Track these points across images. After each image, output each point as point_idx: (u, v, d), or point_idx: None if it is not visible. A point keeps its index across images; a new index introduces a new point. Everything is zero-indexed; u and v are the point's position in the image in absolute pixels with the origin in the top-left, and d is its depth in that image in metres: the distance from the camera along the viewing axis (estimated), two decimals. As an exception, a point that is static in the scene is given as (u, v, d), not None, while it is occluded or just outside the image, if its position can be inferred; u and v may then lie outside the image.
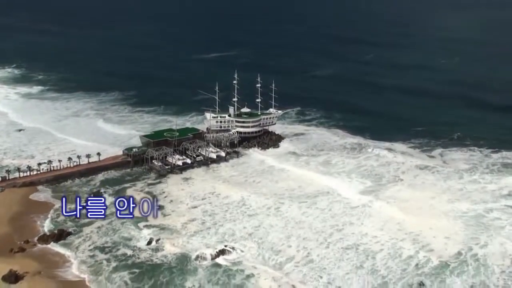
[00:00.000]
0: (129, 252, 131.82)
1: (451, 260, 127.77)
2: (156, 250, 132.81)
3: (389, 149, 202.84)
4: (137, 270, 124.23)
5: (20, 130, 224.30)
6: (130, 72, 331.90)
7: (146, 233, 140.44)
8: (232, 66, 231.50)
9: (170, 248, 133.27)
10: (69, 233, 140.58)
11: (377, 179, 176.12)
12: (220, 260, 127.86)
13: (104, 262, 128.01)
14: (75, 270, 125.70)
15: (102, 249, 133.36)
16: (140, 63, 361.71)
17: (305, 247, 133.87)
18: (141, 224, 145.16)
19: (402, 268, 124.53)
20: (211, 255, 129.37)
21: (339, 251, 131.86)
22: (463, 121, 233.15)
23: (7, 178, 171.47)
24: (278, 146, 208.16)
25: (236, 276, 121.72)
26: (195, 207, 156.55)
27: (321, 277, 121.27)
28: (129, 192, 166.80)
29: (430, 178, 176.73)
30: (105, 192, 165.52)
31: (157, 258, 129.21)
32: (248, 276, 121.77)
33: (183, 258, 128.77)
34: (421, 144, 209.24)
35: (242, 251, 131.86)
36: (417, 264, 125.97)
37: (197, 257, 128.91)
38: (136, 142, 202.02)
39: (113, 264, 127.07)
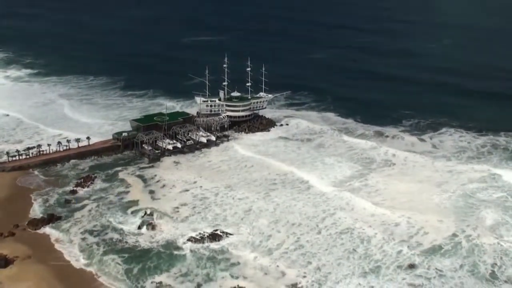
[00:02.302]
0: (119, 237, 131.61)
1: (443, 242, 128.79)
2: (146, 234, 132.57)
3: (380, 133, 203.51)
4: (126, 255, 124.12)
5: (7, 115, 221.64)
6: (119, 56, 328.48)
7: (137, 218, 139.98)
8: (222, 50, 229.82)
9: (160, 233, 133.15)
10: (59, 218, 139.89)
11: (368, 163, 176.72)
12: (210, 245, 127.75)
13: (94, 246, 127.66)
14: (65, 254, 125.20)
15: (92, 233, 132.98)
16: (129, 47, 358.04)
17: (295, 232, 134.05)
18: (131, 209, 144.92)
19: (396, 251, 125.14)
20: (200, 239, 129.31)
21: (331, 236, 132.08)
22: (453, 105, 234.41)
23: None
24: (268, 130, 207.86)
25: (222, 262, 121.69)
26: (186, 191, 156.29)
27: (310, 263, 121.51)
28: (121, 175, 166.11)
29: (420, 161, 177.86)
30: (95, 176, 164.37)
31: (146, 243, 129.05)
32: (236, 262, 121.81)
33: (172, 243, 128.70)
34: (411, 128, 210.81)
35: (232, 235, 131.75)
36: (409, 247, 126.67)
37: (186, 241, 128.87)
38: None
39: (103, 248, 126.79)
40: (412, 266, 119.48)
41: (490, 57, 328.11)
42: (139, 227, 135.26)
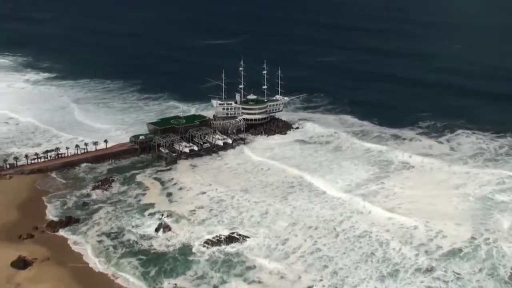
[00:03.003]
0: (136, 239, 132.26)
1: (462, 246, 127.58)
2: (163, 237, 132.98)
3: (397, 135, 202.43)
4: (143, 257, 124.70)
5: (17, 124, 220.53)
6: (135, 60, 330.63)
7: (154, 220, 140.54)
8: (238, 54, 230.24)
9: (177, 236, 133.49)
10: (77, 220, 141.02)
11: (385, 166, 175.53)
12: (226, 248, 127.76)
13: (111, 248, 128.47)
14: (82, 256, 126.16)
15: (109, 236, 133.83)
16: (145, 51, 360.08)
17: (312, 235, 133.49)
18: (148, 211, 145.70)
19: (414, 254, 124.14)
20: (217, 242, 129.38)
21: (349, 240, 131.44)
22: (470, 107, 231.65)
23: (15, 165, 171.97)
24: (285, 133, 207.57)
25: (238, 266, 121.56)
26: (203, 193, 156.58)
27: (327, 267, 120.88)
28: (138, 178, 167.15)
29: (438, 164, 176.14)
30: (112, 179, 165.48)
31: (163, 245, 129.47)
32: (251, 265, 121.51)
33: (189, 246, 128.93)
34: (428, 130, 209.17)
35: (249, 238, 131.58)
36: (426, 251, 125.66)
37: (203, 244, 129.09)
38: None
39: (121, 250, 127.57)
40: (430, 270, 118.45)
41: (508, 58, 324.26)
42: (156, 230, 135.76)
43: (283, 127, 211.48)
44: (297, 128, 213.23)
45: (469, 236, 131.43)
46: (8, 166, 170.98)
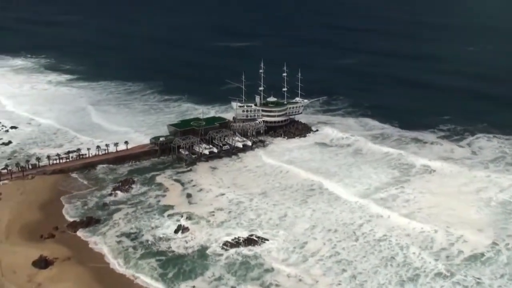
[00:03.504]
0: (155, 240, 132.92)
1: (483, 251, 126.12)
2: (182, 238, 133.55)
3: (417, 139, 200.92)
4: (162, 258, 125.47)
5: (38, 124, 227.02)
6: (155, 63, 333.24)
7: (173, 222, 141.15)
8: (258, 56, 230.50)
9: (196, 237, 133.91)
10: (97, 220, 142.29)
11: (405, 169, 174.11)
12: (244, 250, 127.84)
13: (131, 249, 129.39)
14: (102, 256, 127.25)
15: (129, 236, 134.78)
16: (165, 54, 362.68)
17: (331, 239, 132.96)
18: (168, 212, 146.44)
19: (434, 259, 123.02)
20: (236, 244, 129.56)
21: (368, 243, 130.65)
22: (490, 112, 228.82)
23: (38, 165, 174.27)
24: (304, 136, 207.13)
25: (256, 268, 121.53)
26: (222, 195, 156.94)
27: (345, 271, 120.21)
28: (158, 179, 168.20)
29: (459, 168, 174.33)
30: (132, 180, 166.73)
31: (181, 247, 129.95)
32: (269, 268, 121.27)
33: (207, 247, 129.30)
34: (449, 134, 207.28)
35: (267, 240, 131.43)
36: (447, 256, 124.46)
37: (221, 246, 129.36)
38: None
39: (140, 251, 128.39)
40: (450, 275, 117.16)
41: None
42: (175, 231, 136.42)
43: (303, 130, 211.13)
44: (317, 130, 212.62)
45: (490, 241, 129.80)
46: (30, 166, 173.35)
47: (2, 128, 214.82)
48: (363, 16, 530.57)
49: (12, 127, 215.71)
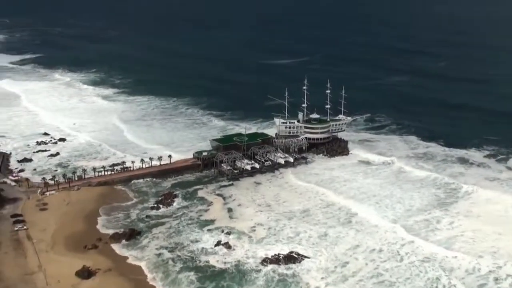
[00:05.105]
0: (195, 254, 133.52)
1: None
2: (221, 253, 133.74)
3: (464, 159, 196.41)
4: (201, 273, 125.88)
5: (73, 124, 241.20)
6: (199, 79, 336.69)
7: (213, 236, 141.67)
8: (302, 73, 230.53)
9: (235, 252, 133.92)
10: (139, 233, 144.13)
11: (450, 191, 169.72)
12: (283, 267, 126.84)
13: (170, 262, 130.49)
14: (142, 268, 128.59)
15: (169, 250, 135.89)
16: (209, 70, 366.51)
17: (374, 259, 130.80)
18: (208, 227, 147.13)
19: (481, 283, 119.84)
20: (275, 261, 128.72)
21: (413, 264, 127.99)
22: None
23: (83, 177, 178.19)
24: (347, 154, 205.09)
25: (293, 286, 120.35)
26: (263, 211, 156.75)
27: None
28: (200, 194, 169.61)
29: (506, 189, 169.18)
30: (175, 194, 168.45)
31: (220, 262, 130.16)
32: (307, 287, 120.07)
33: (246, 263, 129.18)
34: (496, 153, 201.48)
35: (308, 258, 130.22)
36: (496, 279, 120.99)
37: (261, 262, 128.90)
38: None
39: (179, 265, 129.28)
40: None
41: None
42: (215, 246, 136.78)
43: (345, 147, 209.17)
44: (360, 148, 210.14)
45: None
46: (76, 178, 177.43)
47: (51, 140, 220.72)
48: (411, 37, 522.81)
49: (60, 139, 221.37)
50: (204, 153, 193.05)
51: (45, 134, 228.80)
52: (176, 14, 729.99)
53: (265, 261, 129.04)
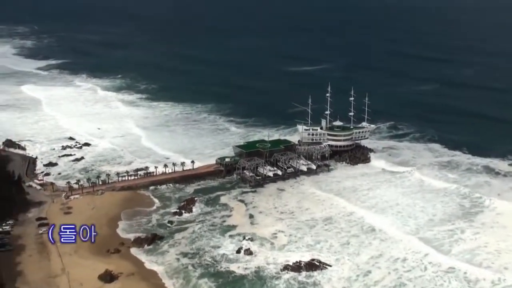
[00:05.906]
0: (216, 260, 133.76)
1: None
2: (242, 259, 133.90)
3: (489, 168, 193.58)
4: (220, 280, 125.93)
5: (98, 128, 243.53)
6: (223, 85, 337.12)
7: (235, 242, 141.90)
8: (325, 80, 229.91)
9: (256, 259, 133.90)
10: (161, 238, 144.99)
11: (475, 201, 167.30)
12: (304, 275, 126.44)
13: (190, 267, 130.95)
14: (163, 274, 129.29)
15: (190, 256, 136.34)
16: (232, 77, 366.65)
17: (397, 268, 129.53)
18: (230, 233, 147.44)
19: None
20: (297, 268, 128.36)
21: (437, 274, 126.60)
22: None
23: (107, 182, 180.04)
24: (369, 161, 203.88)
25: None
26: (285, 218, 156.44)
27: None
28: (222, 200, 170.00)
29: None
30: (197, 199, 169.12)
31: (241, 268, 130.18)
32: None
33: (267, 270, 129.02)
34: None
35: (330, 266, 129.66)
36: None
37: (282, 269, 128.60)
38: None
39: (200, 271, 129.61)
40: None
41: None
42: (237, 252, 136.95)
43: (368, 155, 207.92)
44: (383, 156, 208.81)
45: None
46: (100, 182, 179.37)
47: (75, 145, 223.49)
48: (434, 45, 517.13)
49: (85, 144, 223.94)
50: (227, 159, 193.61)
51: (71, 138, 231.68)
52: (200, 21, 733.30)
53: (286, 268, 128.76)
